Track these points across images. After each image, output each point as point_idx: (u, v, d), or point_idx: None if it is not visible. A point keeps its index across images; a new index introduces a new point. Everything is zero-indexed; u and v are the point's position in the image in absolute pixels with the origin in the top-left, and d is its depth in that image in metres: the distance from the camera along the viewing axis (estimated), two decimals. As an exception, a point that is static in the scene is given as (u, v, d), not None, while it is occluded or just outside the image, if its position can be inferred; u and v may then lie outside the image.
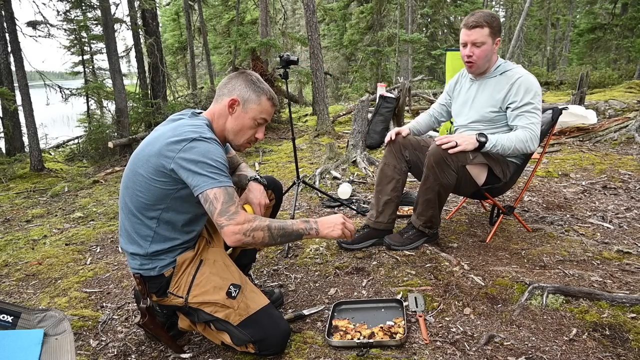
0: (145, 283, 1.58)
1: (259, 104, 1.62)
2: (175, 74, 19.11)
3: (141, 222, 1.54)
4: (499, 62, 2.35)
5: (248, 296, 1.60)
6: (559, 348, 1.56)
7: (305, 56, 14.98)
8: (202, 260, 1.62)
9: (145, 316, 1.61)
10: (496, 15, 2.27)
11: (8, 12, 6.13)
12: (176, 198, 1.51)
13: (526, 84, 2.22)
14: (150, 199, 1.50)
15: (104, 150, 7.13)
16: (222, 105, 1.62)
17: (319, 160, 5.09)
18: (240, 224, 1.42)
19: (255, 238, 1.45)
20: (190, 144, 1.44)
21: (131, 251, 1.58)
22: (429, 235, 2.44)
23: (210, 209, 1.42)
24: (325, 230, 1.57)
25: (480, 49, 2.24)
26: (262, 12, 10.71)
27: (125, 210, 1.57)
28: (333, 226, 1.58)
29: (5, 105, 7.05)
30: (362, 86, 17.29)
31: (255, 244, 1.47)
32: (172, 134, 1.48)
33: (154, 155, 1.47)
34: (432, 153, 2.18)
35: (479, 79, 2.40)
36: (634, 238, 2.45)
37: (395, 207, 2.50)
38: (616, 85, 11.12)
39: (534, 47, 24.12)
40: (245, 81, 1.63)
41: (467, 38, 2.25)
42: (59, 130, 10.95)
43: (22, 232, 3.42)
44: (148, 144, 1.53)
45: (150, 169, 1.47)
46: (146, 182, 1.49)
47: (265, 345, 1.58)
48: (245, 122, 1.62)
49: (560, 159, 4.33)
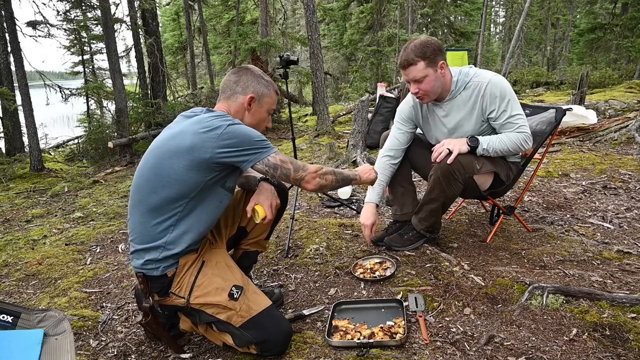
0: (147, 282, 1.58)
1: (270, 96, 1.73)
2: (175, 74, 19.09)
3: (163, 215, 1.53)
4: (455, 78, 2.18)
5: (250, 298, 1.60)
6: (559, 348, 1.56)
7: (305, 56, 14.97)
8: (204, 262, 1.62)
9: (147, 315, 1.61)
10: (427, 41, 2.09)
11: (8, 12, 6.13)
12: (206, 187, 1.54)
13: (495, 91, 2.10)
14: (180, 190, 1.51)
15: (104, 150, 7.13)
16: (238, 102, 1.68)
17: (319, 160, 5.09)
18: (315, 171, 1.64)
19: (328, 180, 1.69)
20: (226, 129, 1.49)
21: (141, 247, 1.56)
22: (428, 238, 2.45)
23: (284, 172, 1.57)
24: (364, 175, 1.90)
25: (423, 83, 2.10)
26: (262, 12, 10.71)
27: (141, 206, 1.56)
28: (369, 171, 1.93)
29: (5, 105, 7.05)
30: (362, 86, 17.29)
31: (327, 186, 1.69)
32: (200, 126, 1.50)
33: (187, 149, 1.48)
34: (440, 167, 2.12)
35: (442, 102, 2.25)
36: (634, 238, 2.45)
37: (413, 193, 2.52)
38: (616, 85, 11.11)
39: (534, 47, 24.12)
40: (255, 77, 1.70)
41: (405, 77, 2.15)
42: (59, 130, 10.96)
43: (22, 232, 3.42)
44: (171, 137, 1.54)
45: (184, 162, 1.49)
46: (177, 175, 1.50)
47: (268, 347, 1.58)
48: (262, 115, 1.73)
49: (560, 159, 4.33)
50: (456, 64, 5.45)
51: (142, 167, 1.58)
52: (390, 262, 2.28)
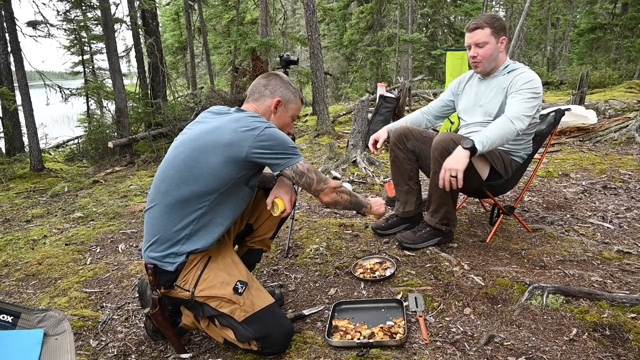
0: (156, 275, 1.59)
1: (296, 103, 1.81)
2: (175, 74, 19.09)
3: (189, 208, 1.56)
4: (507, 62, 2.35)
5: (254, 293, 1.62)
6: (559, 348, 1.56)
7: (305, 56, 14.98)
8: (210, 257, 1.64)
9: (155, 306, 1.61)
10: (498, 16, 2.30)
11: (8, 12, 6.13)
12: (234, 184, 1.59)
13: (528, 76, 2.23)
14: (211, 184, 1.55)
15: (104, 150, 7.13)
16: (265, 105, 1.73)
17: (319, 160, 5.09)
18: (334, 187, 1.73)
19: (343, 199, 1.77)
20: (264, 131, 1.55)
21: (158, 239, 1.57)
22: (445, 232, 2.41)
23: (308, 181, 1.65)
24: (375, 207, 1.93)
25: (483, 48, 2.27)
26: (262, 12, 10.70)
27: (168, 197, 1.57)
28: (380, 205, 1.95)
29: (5, 105, 7.05)
30: (362, 86, 17.30)
31: (341, 203, 1.77)
32: (240, 124, 1.56)
33: (225, 144, 1.53)
34: (436, 146, 2.15)
35: (487, 78, 2.40)
36: (634, 238, 2.45)
37: (418, 192, 2.56)
38: (616, 85, 11.12)
39: (534, 47, 24.11)
40: (283, 83, 1.77)
41: (469, 40, 2.30)
42: (59, 130, 10.95)
43: (22, 232, 3.42)
44: (208, 132, 1.57)
45: (220, 157, 1.53)
46: (211, 169, 1.53)
47: (268, 343, 1.58)
48: (286, 120, 1.80)
49: (560, 159, 4.33)
50: (456, 64, 5.43)
51: (174, 158, 1.59)
52: (390, 262, 2.28)
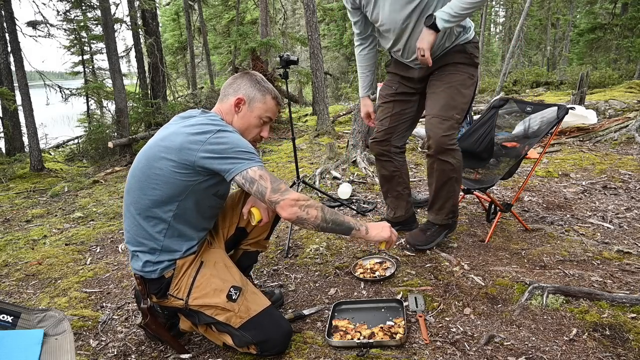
0: (145, 284, 1.58)
1: (264, 102, 1.66)
2: (175, 74, 19.08)
3: (155, 218, 1.52)
4: None
5: (249, 298, 1.60)
6: (559, 348, 1.56)
7: (305, 56, 14.96)
8: (202, 262, 1.62)
9: (146, 316, 1.61)
10: None
11: (8, 12, 6.14)
12: (195, 191, 1.51)
13: None
14: (167, 192, 1.49)
15: (103, 150, 7.14)
16: (228, 104, 1.65)
17: (319, 160, 5.09)
18: (295, 199, 1.46)
19: (310, 215, 1.47)
20: (215, 134, 1.46)
21: (137, 249, 1.56)
22: (452, 225, 2.40)
23: (260, 189, 1.45)
24: (374, 231, 1.61)
25: None
26: (262, 12, 10.70)
27: (135, 207, 1.54)
28: (382, 228, 1.62)
29: (5, 105, 7.05)
30: (362, 86, 17.24)
31: (308, 221, 1.48)
32: (192, 129, 1.48)
33: (176, 149, 1.46)
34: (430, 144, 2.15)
35: None
36: (634, 238, 2.45)
37: (407, 196, 2.57)
38: (616, 85, 11.12)
39: (534, 47, 24.10)
40: (250, 81, 1.66)
41: None
42: (59, 130, 10.94)
43: (22, 232, 3.42)
44: (162, 139, 1.52)
45: (172, 163, 1.46)
46: (165, 177, 1.48)
47: (267, 347, 1.58)
48: (251, 120, 1.66)
49: (560, 159, 4.33)
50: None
51: (134, 168, 1.56)
52: (390, 262, 2.28)
